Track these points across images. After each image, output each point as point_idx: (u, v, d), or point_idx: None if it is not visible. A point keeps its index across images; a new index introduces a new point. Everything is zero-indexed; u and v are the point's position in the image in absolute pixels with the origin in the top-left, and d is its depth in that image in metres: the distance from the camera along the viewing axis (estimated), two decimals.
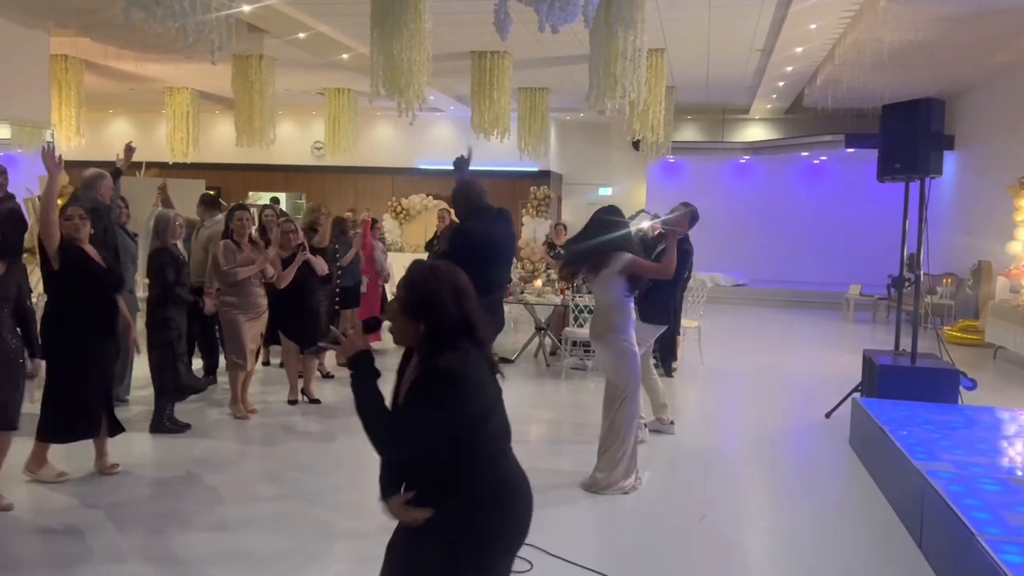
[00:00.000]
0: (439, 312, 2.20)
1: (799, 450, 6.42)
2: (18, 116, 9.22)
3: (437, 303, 2.21)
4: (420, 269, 2.30)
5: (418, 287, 2.24)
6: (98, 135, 17.06)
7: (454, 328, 2.20)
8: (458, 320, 2.21)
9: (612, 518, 4.71)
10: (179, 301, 5.89)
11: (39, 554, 3.99)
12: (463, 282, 2.29)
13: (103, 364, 4.94)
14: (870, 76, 10.83)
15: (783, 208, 17.76)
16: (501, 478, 2.25)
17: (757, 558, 4.28)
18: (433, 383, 2.14)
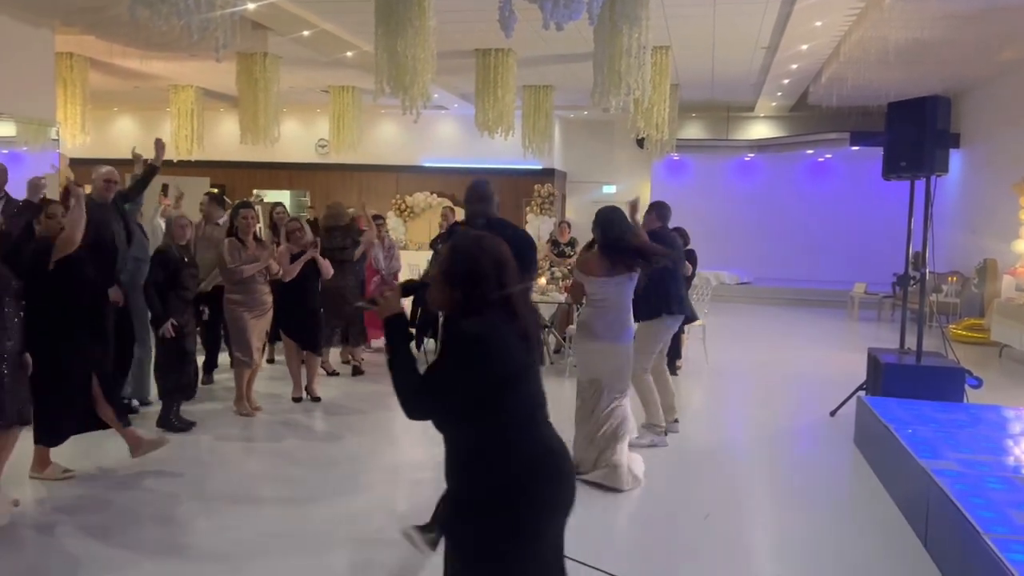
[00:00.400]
0: (479, 282, 2.25)
1: (804, 448, 6.41)
2: (23, 114, 9.24)
3: (478, 273, 2.25)
4: (466, 238, 2.36)
5: (461, 256, 2.29)
6: (103, 133, 17.09)
7: (490, 299, 2.24)
8: (495, 291, 2.26)
9: (616, 515, 4.71)
10: (180, 300, 5.88)
11: (46, 551, 4.00)
12: (506, 254, 2.33)
13: (88, 361, 4.83)
14: (875, 74, 10.79)
15: (788, 206, 17.72)
16: (534, 443, 2.28)
17: (762, 556, 4.28)
18: (457, 345, 2.21)
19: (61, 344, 4.67)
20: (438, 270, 2.32)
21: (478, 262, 2.27)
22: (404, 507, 4.71)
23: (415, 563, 3.76)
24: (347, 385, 7.72)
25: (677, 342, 8.61)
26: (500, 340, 2.22)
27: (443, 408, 2.23)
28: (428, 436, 6.15)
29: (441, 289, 2.30)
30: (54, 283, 4.63)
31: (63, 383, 4.71)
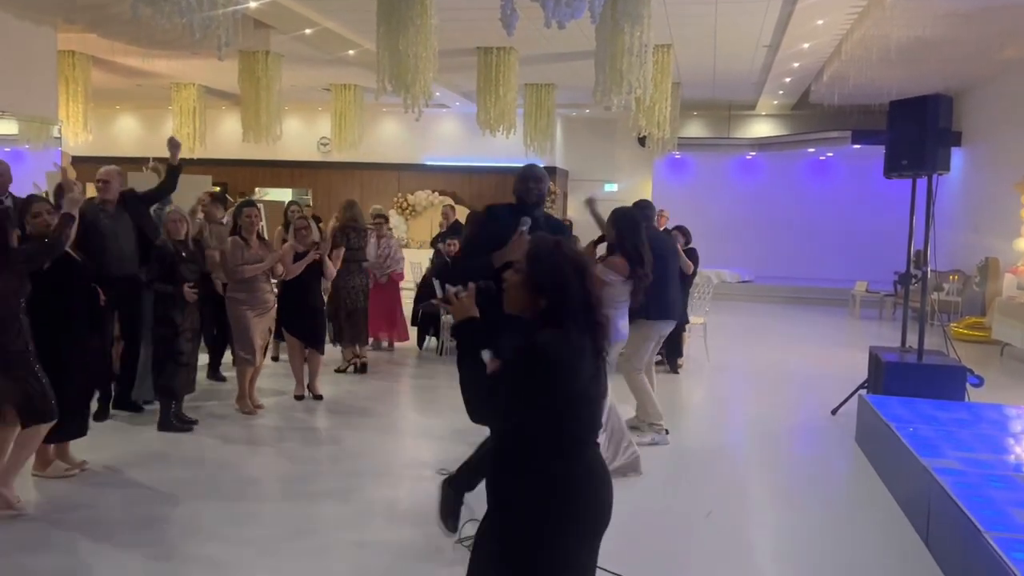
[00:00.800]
0: (564, 289, 2.22)
1: (805, 447, 6.41)
2: (26, 112, 9.24)
3: (562, 280, 2.23)
4: (546, 244, 2.32)
5: (543, 261, 2.26)
6: (105, 131, 17.10)
7: (575, 306, 2.22)
8: (580, 298, 2.24)
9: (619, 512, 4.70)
10: (176, 297, 5.87)
11: (45, 548, 4.01)
12: (585, 260, 2.32)
13: (85, 359, 4.84)
14: (877, 72, 10.78)
15: (789, 204, 17.72)
16: (584, 464, 2.27)
17: (763, 554, 4.28)
18: (527, 358, 2.17)
19: (60, 343, 4.66)
20: (517, 278, 2.28)
21: (560, 267, 2.24)
22: (405, 505, 4.72)
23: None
24: (350, 383, 7.72)
25: (679, 340, 8.61)
26: (574, 359, 2.19)
27: (505, 416, 2.22)
28: (430, 435, 6.17)
29: (522, 296, 2.26)
30: (49, 283, 4.58)
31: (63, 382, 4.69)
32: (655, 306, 5.92)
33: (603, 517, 2.31)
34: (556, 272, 2.23)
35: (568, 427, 2.23)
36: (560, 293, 2.21)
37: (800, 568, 4.09)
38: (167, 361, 5.87)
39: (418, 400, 7.79)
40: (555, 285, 2.22)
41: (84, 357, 4.84)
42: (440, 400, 7.32)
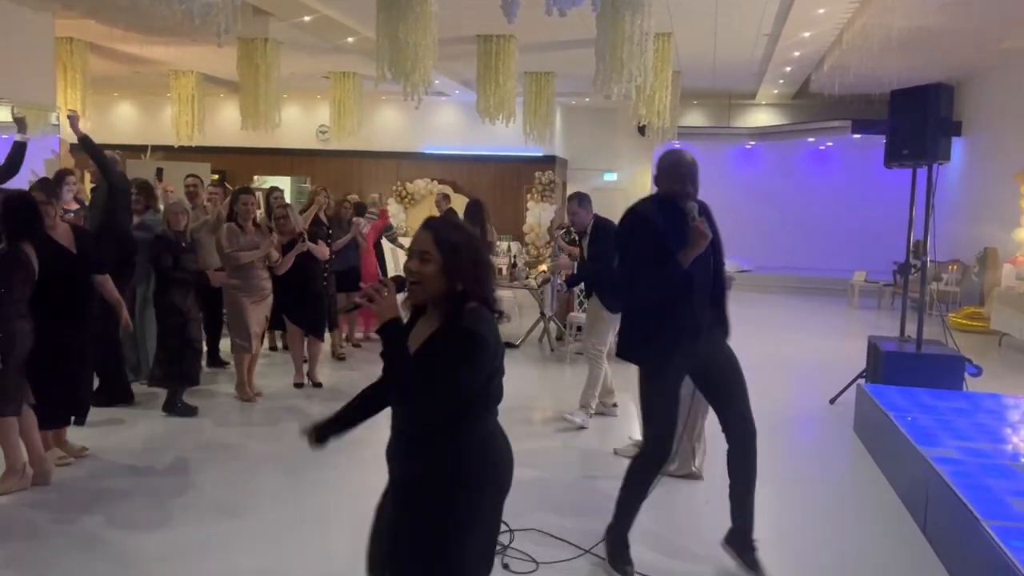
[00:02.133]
0: (479, 278, 2.28)
1: (803, 436, 6.43)
2: (23, 99, 9.19)
3: (480, 269, 2.30)
4: (460, 231, 2.35)
5: (459, 248, 2.28)
6: (103, 118, 17.03)
7: (486, 295, 2.29)
8: (490, 287, 2.32)
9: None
10: (181, 285, 5.90)
11: (52, 531, 4.03)
12: (478, 239, 2.41)
13: (78, 349, 4.84)
14: (878, 62, 10.75)
15: (789, 194, 17.71)
16: (492, 433, 2.36)
17: (762, 542, 4.29)
18: (460, 343, 2.21)
19: (60, 329, 4.69)
20: (434, 265, 2.26)
21: (477, 254, 2.30)
22: None
23: None
24: (348, 370, 7.73)
25: None
26: (493, 340, 2.26)
27: (438, 402, 2.23)
28: None
29: (440, 283, 2.27)
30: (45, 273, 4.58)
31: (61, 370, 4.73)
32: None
33: (510, 476, 2.41)
34: (471, 255, 2.28)
35: (484, 403, 2.31)
36: (476, 275, 2.27)
37: (798, 556, 4.11)
38: (184, 348, 5.93)
39: None
40: (470, 269, 2.26)
41: (75, 346, 4.82)
42: None
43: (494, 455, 2.35)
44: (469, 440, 2.30)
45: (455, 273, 2.26)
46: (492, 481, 2.34)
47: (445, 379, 2.21)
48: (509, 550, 3.91)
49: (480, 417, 2.32)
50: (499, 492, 2.38)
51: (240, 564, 3.80)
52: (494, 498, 2.37)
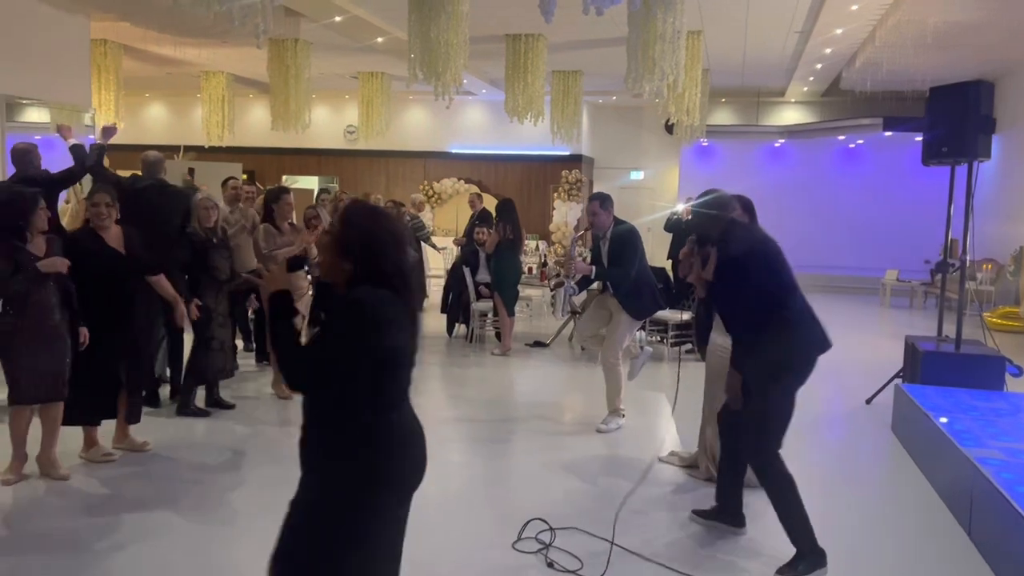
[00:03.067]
0: (376, 257, 2.23)
1: (840, 436, 6.37)
2: (58, 100, 9.35)
3: (376, 246, 2.23)
4: (361, 208, 2.34)
5: (357, 226, 2.26)
6: (136, 119, 17.25)
7: (385, 275, 2.23)
8: (392, 268, 2.24)
9: (652, 501, 4.71)
10: (210, 282, 5.93)
11: (90, 528, 4.08)
12: (400, 227, 2.35)
13: (114, 349, 4.86)
14: (911, 58, 10.63)
15: (818, 193, 17.54)
16: (401, 423, 2.31)
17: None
18: (342, 313, 2.17)
19: (106, 329, 4.74)
20: (327, 239, 2.27)
21: (374, 233, 2.25)
22: (434, 489, 4.74)
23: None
24: None
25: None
26: (389, 312, 2.20)
27: (326, 378, 2.18)
28: (462, 418, 6.18)
29: (332, 259, 2.26)
30: (89, 272, 4.67)
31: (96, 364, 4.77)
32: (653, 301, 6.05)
33: (418, 472, 2.36)
34: (370, 237, 2.23)
35: (387, 385, 2.25)
36: (370, 259, 2.21)
37: (839, 560, 4.06)
38: (199, 346, 5.94)
39: (450, 385, 7.81)
40: (366, 250, 2.21)
41: (110, 351, 4.85)
42: (470, 384, 7.38)
43: (401, 448, 2.28)
44: (365, 433, 2.22)
45: (343, 248, 2.23)
46: (396, 475, 2.27)
47: (327, 354, 2.15)
48: (551, 548, 3.91)
49: (378, 410, 2.24)
50: (406, 489, 2.33)
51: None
52: (400, 494, 2.32)
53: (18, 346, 4.36)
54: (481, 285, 9.03)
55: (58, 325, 4.47)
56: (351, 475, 2.21)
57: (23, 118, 9.49)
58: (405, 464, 2.31)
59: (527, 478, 5.07)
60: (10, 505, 4.31)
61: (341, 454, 2.22)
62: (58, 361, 4.49)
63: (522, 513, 4.22)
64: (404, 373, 2.31)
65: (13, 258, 4.27)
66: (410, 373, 2.34)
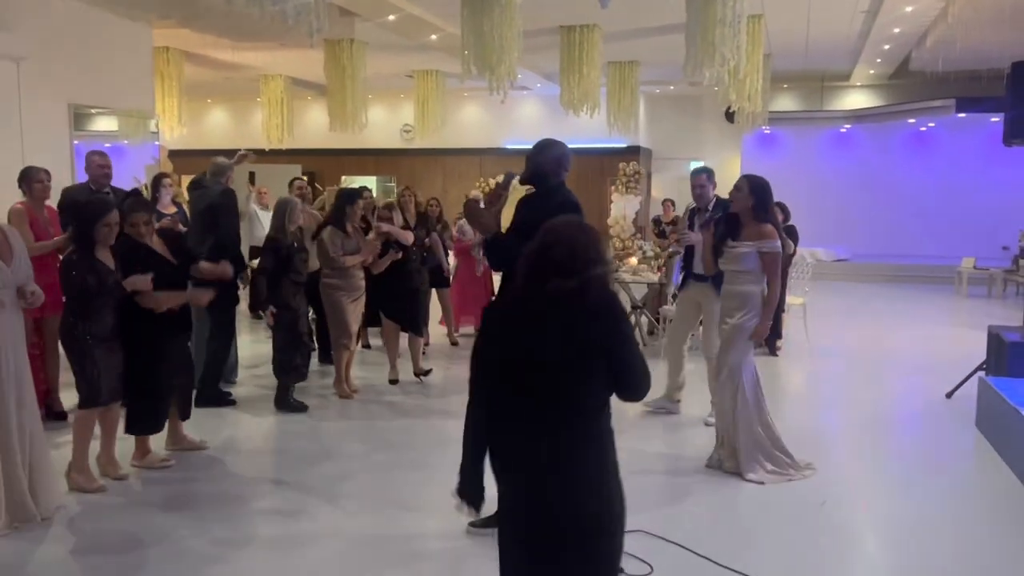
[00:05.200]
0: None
1: (920, 432, 6.08)
2: (124, 107, 9.55)
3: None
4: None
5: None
6: (198, 124, 17.61)
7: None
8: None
9: (728, 504, 4.53)
10: (292, 284, 6.00)
11: (152, 529, 4.11)
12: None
13: (175, 356, 4.90)
14: (988, 35, 10.10)
15: (887, 179, 16.94)
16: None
17: (885, 548, 4.04)
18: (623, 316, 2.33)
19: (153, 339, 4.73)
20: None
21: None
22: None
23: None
24: (446, 365, 7.69)
25: (777, 321, 8.30)
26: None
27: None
28: None
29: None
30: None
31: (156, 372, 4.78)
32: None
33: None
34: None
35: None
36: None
37: (928, 561, 3.84)
38: (297, 343, 6.07)
39: None
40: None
41: (171, 358, 4.87)
42: None
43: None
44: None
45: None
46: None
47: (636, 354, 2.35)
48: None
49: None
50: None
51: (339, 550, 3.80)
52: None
53: (94, 350, 4.42)
54: None
55: (117, 328, 4.53)
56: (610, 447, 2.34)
57: (91, 127, 9.72)
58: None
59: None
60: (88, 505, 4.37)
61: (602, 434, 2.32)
62: (120, 362, 4.58)
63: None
64: None
65: (95, 271, 4.35)
66: None
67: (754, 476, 4.75)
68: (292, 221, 6.08)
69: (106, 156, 6.14)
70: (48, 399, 5.64)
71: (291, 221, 6.07)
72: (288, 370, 6.13)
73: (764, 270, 4.76)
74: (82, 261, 4.39)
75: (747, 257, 4.75)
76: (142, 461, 4.95)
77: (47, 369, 5.64)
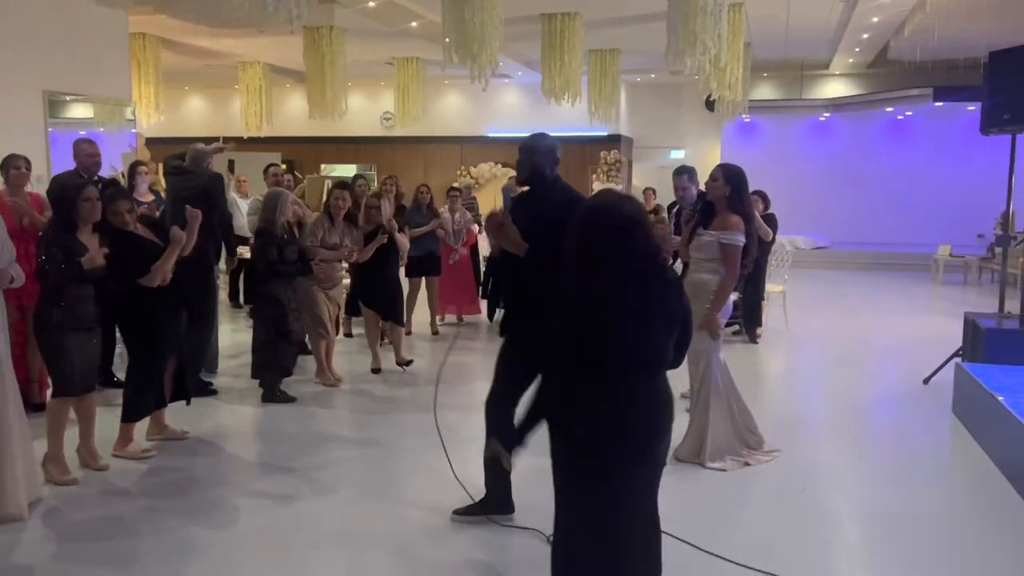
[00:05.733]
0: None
1: (898, 418, 6.15)
2: (100, 95, 9.41)
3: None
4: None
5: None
6: (175, 112, 17.41)
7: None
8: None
9: (707, 489, 4.56)
10: (282, 277, 5.95)
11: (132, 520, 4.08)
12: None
13: (173, 341, 4.91)
14: (965, 25, 10.19)
15: (865, 166, 17.08)
16: None
17: (864, 529, 4.10)
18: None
19: (152, 326, 4.74)
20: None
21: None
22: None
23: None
24: (428, 354, 7.68)
25: (757, 309, 8.37)
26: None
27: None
28: None
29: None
30: (123, 268, 4.61)
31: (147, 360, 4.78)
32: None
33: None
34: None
35: None
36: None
37: (901, 544, 3.90)
38: (279, 340, 5.97)
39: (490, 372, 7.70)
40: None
41: (171, 344, 4.88)
42: None
43: None
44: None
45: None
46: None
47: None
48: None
49: None
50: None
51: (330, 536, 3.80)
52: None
53: (67, 338, 4.36)
54: None
55: (95, 317, 4.48)
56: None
57: (67, 114, 9.58)
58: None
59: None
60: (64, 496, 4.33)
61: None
62: (97, 352, 4.56)
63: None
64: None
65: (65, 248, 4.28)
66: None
67: (715, 464, 4.77)
68: (282, 213, 6.02)
69: (95, 144, 6.08)
70: (27, 389, 5.57)
71: (281, 213, 6.01)
72: (271, 367, 6.02)
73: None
74: (57, 236, 4.31)
75: (709, 246, 4.75)
76: (124, 451, 4.90)
77: (27, 359, 5.57)
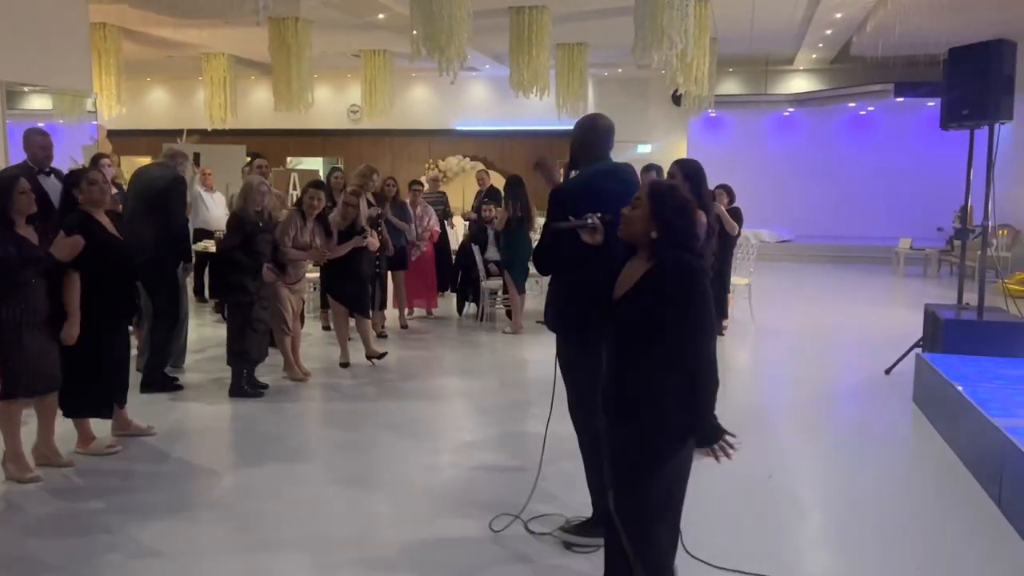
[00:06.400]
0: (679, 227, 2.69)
1: (860, 407, 6.27)
2: (59, 86, 9.22)
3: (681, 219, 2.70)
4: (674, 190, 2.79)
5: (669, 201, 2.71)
6: (137, 104, 17.13)
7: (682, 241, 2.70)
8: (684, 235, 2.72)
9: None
10: (251, 266, 5.88)
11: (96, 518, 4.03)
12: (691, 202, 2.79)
13: (116, 340, 4.78)
14: (925, 21, 10.38)
15: (828, 161, 17.31)
16: None
17: (829, 516, 4.18)
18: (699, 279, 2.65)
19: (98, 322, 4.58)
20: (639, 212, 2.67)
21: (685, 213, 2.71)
22: (449, 467, 4.67)
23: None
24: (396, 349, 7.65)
25: (723, 302, 8.46)
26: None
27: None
28: (471, 399, 6.09)
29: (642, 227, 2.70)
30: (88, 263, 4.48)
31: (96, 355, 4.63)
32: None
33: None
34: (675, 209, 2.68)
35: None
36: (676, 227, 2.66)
37: (865, 531, 3.98)
38: (245, 328, 5.90)
39: (462, 363, 7.72)
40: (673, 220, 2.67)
41: (109, 337, 4.72)
42: (482, 364, 7.32)
43: None
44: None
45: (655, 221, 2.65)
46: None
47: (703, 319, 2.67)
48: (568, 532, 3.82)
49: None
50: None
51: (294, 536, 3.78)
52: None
53: (22, 337, 4.25)
54: (490, 263, 8.92)
55: (49, 313, 4.36)
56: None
57: (25, 105, 9.37)
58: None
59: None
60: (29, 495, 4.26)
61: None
62: (54, 350, 4.40)
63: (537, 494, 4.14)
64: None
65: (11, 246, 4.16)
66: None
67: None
68: (253, 202, 5.95)
69: (47, 135, 5.94)
70: None
71: (250, 202, 5.94)
72: (239, 355, 5.96)
73: None
74: (1, 234, 4.18)
75: None
76: (87, 448, 4.82)
77: None
